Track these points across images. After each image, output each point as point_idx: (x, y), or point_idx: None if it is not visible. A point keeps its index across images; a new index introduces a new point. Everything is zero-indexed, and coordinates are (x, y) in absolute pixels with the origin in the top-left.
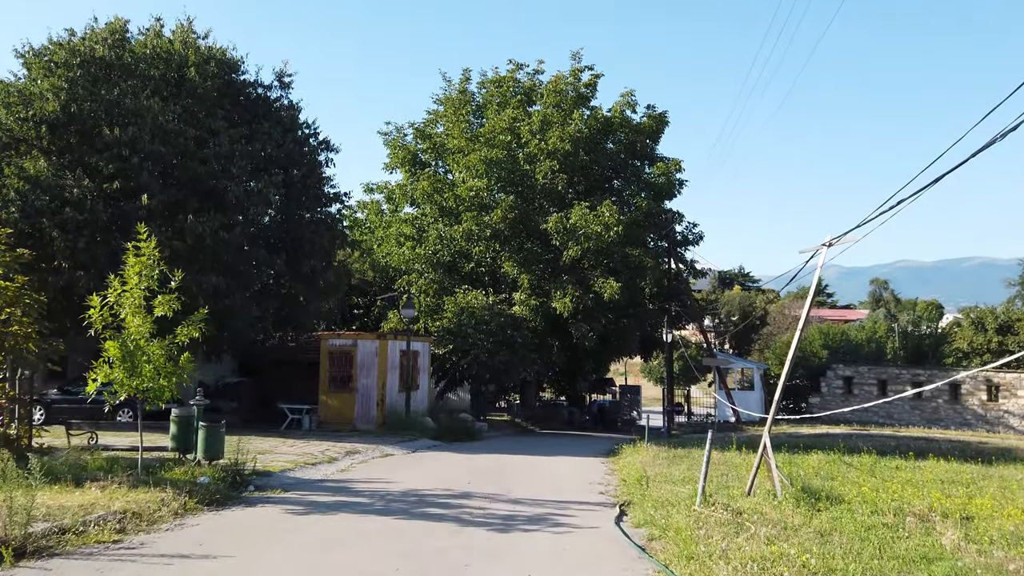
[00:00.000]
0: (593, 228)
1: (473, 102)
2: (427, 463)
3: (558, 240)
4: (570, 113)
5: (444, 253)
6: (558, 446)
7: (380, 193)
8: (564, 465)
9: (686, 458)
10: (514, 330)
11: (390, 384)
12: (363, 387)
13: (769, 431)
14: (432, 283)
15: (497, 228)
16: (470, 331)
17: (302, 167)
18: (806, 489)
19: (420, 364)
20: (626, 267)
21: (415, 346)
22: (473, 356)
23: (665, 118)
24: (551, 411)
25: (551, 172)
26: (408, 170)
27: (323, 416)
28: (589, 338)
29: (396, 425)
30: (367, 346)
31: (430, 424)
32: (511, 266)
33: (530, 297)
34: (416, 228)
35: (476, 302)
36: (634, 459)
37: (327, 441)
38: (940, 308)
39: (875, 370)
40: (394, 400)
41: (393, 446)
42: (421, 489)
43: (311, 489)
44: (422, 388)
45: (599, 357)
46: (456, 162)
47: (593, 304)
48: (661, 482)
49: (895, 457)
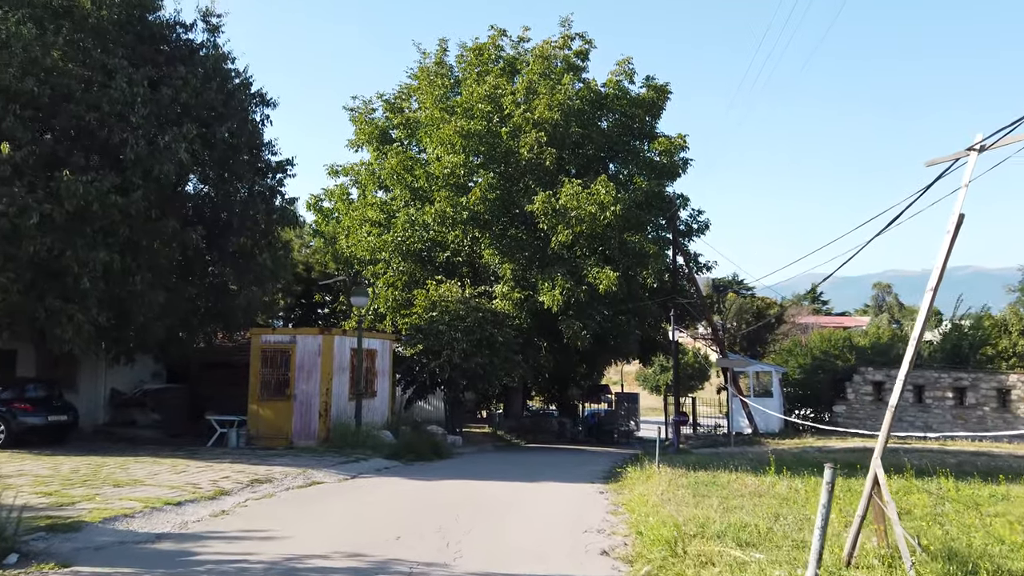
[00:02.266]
0: (586, 209)
1: (451, 76)
2: (358, 498)
3: (546, 223)
4: (559, 81)
5: (415, 240)
6: (545, 465)
7: (346, 176)
8: (550, 497)
9: (713, 485)
10: (495, 327)
11: (337, 390)
12: (303, 394)
13: (880, 458)
14: (401, 274)
15: (476, 210)
16: (442, 328)
17: (227, 122)
18: (950, 554)
19: (379, 366)
20: (624, 255)
21: (372, 344)
22: (446, 358)
23: (667, 90)
24: (539, 422)
25: (538, 145)
26: (376, 148)
27: (254, 430)
28: (582, 337)
29: (344, 440)
30: (308, 343)
31: (387, 439)
32: (492, 254)
33: (513, 290)
34: (385, 214)
35: (450, 295)
36: (645, 489)
37: (242, 463)
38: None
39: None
40: (343, 409)
41: (329, 470)
42: (306, 560)
43: (117, 561)
44: (381, 395)
45: (593, 360)
46: (429, 136)
47: (587, 298)
48: (700, 539)
49: (974, 479)
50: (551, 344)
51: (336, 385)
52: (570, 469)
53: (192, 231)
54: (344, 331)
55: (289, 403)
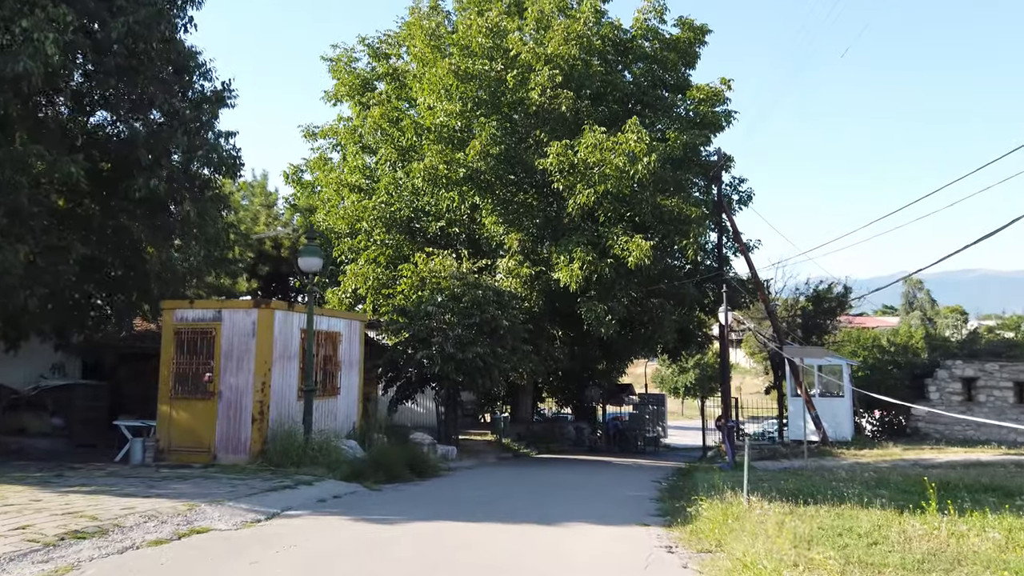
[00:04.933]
0: (612, 163)
1: (448, 23)
2: (240, 571)
3: (562, 182)
4: (577, 11)
5: (401, 206)
6: (565, 487)
7: (325, 139)
8: (584, 560)
9: (851, 534)
10: (499, 309)
11: (280, 385)
12: (231, 390)
13: None
14: (385, 248)
15: (475, 168)
16: (431, 309)
17: (126, 15)
18: None
19: (344, 354)
20: (659, 222)
21: (333, 324)
22: (436, 347)
23: (705, 29)
24: (552, 428)
25: (551, 86)
26: (359, 102)
27: (165, 440)
28: (606, 323)
29: (287, 455)
30: (238, 321)
31: (350, 453)
32: (495, 221)
33: (522, 264)
34: (367, 178)
35: (443, 269)
36: (745, 543)
37: (111, 494)
38: (964, 315)
39: (1009, 368)
40: (288, 412)
41: (237, 505)
42: None
43: None
44: (347, 393)
45: (617, 353)
46: (420, 82)
47: (612, 274)
48: None
49: None
50: (567, 333)
51: (278, 379)
52: (601, 494)
53: (72, 162)
54: (290, 305)
55: (212, 403)
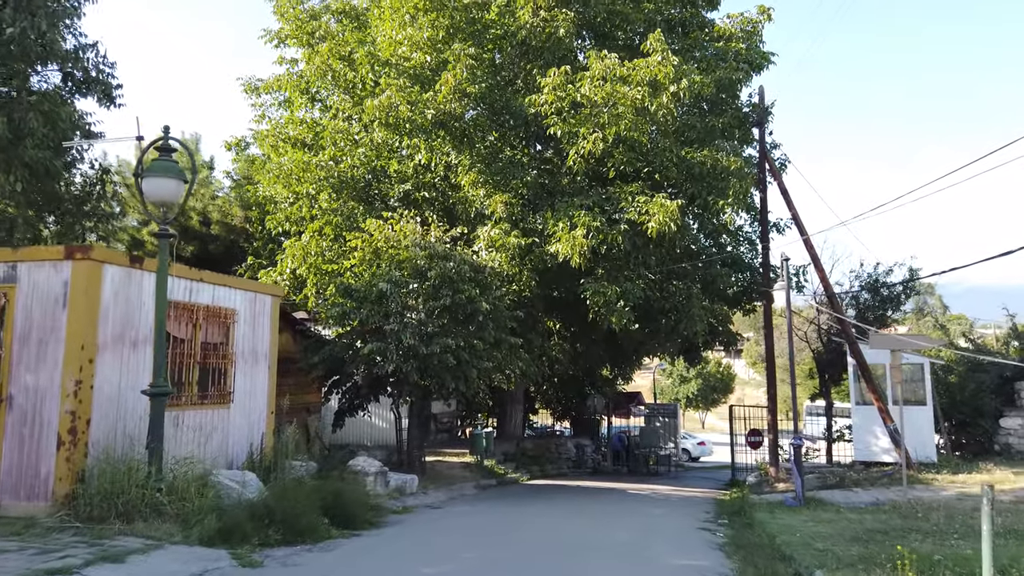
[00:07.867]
0: (628, 96)
1: None
2: None
3: (560, 126)
4: None
5: (355, 162)
6: (574, 557)
7: (269, 93)
8: None
9: None
10: (477, 288)
11: (114, 386)
12: (25, 392)
13: None
14: (332, 216)
15: (447, 111)
16: (386, 287)
17: None
18: None
19: (240, 343)
20: (688, 178)
21: (220, 295)
22: (392, 338)
23: None
24: (547, 446)
25: (546, 5)
26: (307, 43)
27: None
28: (620, 311)
29: (113, 499)
30: (42, 281)
31: (234, 494)
32: (474, 181)
33: (508, 234)
34: (313, 133)
35: (402, 236)
36: None
37: None
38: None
39: None
40: (129, 430)
41: None
42: None
43: None
44: (244, 401)
45: (629, 351)
46: (379, 6)
47: (627, 245)
48: None
49: None
50: (566, 326)
51: (112, 376)
52: (636, 567)
53: None
54: (136, 260)
55: None
